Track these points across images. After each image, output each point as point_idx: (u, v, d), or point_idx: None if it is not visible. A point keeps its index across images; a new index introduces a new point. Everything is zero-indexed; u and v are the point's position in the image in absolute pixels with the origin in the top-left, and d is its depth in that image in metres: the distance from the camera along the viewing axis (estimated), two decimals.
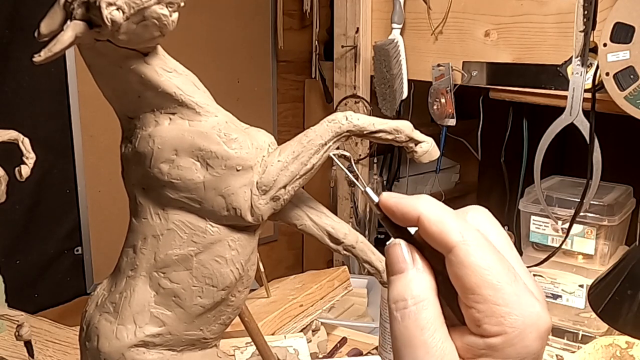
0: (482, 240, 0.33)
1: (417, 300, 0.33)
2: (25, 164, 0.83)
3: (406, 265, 0.35)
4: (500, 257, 0.33)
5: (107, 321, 0.57)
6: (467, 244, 0.32)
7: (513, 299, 0.32)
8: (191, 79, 0.54)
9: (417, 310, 0.33)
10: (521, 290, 0.32)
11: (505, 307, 0.32)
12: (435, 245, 0.34)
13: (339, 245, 0.59)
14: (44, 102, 1.82)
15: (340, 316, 1.53)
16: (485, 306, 0.32)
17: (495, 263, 0.32)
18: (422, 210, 0.34)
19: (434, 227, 0.33)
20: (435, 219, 0.33)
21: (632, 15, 1.34)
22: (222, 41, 2.26)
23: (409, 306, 0.33)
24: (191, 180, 0.53)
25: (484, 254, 0.32)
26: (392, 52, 1.82)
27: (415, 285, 0.34)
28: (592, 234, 1.45)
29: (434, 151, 0.57)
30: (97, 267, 2.01)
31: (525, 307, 0.32)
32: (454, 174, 2.67)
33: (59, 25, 0.46)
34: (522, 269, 0.35)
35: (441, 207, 0.34)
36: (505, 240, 0.36)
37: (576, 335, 1.42)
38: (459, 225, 0.33)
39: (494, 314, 0.32)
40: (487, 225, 0.36)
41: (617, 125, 1.55)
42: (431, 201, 0.34)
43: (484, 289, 0.32)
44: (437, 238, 0.33)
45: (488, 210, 0.37)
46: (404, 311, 0.33)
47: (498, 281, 0.32)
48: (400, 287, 0.34)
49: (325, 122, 0.54)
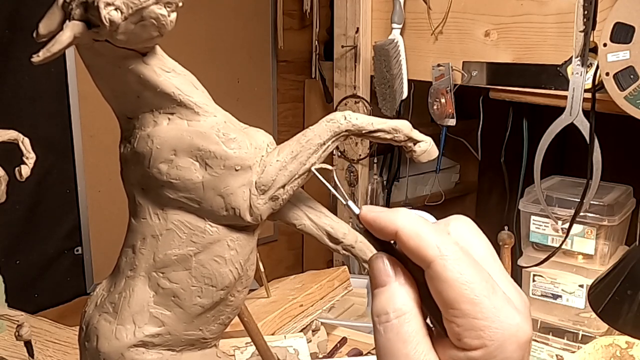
0: (460, 253, 0.33)
1: (399, 314, 0.34)
2: (25, 164, 0.83)
3: (388, 278, 0.35)
4: (479, 269, 0.33)
5: (107, 321, 0.57)
6: (445, 259, 0.32)
7: (492, 312, 0.32)
8: (190, 79, 0.54)
9: (400, 324, 0.34)
10: (500, 302, 0.32)
11: (484, 321, 0.32)
12: (414, 259, 0.34)
13: (338, 245, 0.59)
14: (44, 102, 1.82)
15: (340, 316, 1.53)
16: (465, 320, 0.32)
17: (473, 276, 0.32)
18: (399, 225, 0.34)
19: (411, 242, 0.33)
20: (412, 234, 0.33)
21: (632, 15, 1.34)
22: (222, 41, 2.26)
23: (391, 319, 0.34)
24: (190, 180, 0.53)
25: (461, 267, 0.32)
26: (392, 52, 1.82)
27: (397, 299, 0.34)
28: (592, 234, 1.45)
29: (433, 150, 0.57)
30: (97, 267, 2.01)
31: (504, 320, 0.32)
32: (454, 174, 2.67)
33: (57, 25, 0.46)
34: (505, 278, 0.35)
35: (419, 221, 0.34)
36: (488, 250, 0.36)
37: (576, 335, 1.42)
38: (437, 239, 0.33)
39: (473, 327, 0.32)
40: (469, 235, 0.36)
41: (617, 125, 1.55)
42: (409, 215, 0.34)
43: (462, 303, 0.32)
44: (415, 253, 0.33)
45: (471, 220, 0.37)
46: (387, 324, 0.34)
47: (476, 295, 0.32)
48: (382, 301, 0.34)
49: (323, 121, 0.54)
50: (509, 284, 0.35)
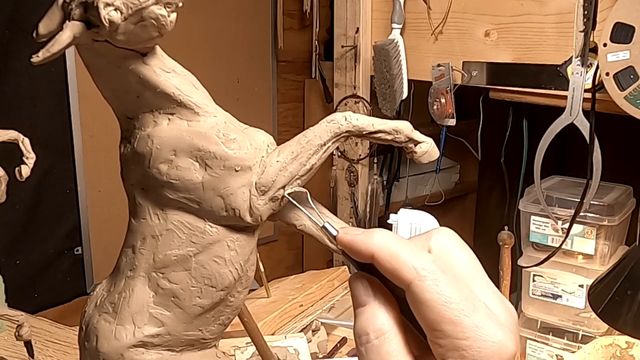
0: (437, 273, 0.32)
1: (379, 334, 0.34)
2: (25, 164, 0.83)
3: (367, 298, 0.35)
4: (459, 287, 0.33)
5: (106, 321, 0.57)
6: (422, 280, 0.32)
7: (473, 330, 0.32)
8: (190, 79, 0.54)
9: (380, 344, 0.33)
10: (481, 320, 0.32)
11: (466, 341, 0.31)
12: (392, 281, 0.34)
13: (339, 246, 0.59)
14: (44, 102, 1.82)
15: (340, 316, 1.53)
16: (447, 341, 0.32)
17: (452, 296, 0.32)
18: (374, 249, 0.34)
19: (388, 265, 0.33)
20: (388, 257, 0.33)
21: (632, 15, 1.34)
22: (222, 41, 2.26)
23: (371, 340, 0.34)
24: (190, 180, 0.53)
25: (440, 288, 0.32)
26: (392, 52, 1.82)
27: (377, 319, 0.34)
28: (592, 234, 1.45)
29: (434, 151, 0.56)
30: (97, 267, 2.01)
31: (486, 338, 0.32)
32: (454, 174, 2.67)
33: (57, 25, 0.46)
34: (489, 291, 0.35)
35: (395, 242, 0.34)
36: (471, 262, 0.36)
37: (576, 335, 1.42)
38: (413, 260, 0.33)
39: (455, 347, 0.32)
40: (452, 248, 0.36)
41: (617, 125, 1.55)
42: (384, 237, 0.34)
43: (443, 324, 0.32)
44: (392, 276, 0.33)
45: (453, 232, 0.37)
46: (367, 345, 0.34)
47: (456, 315, 0.32)
48: (362, 321, 0.35)
49: (324, 122, 0.54)
50: (494, 296, 0.34)
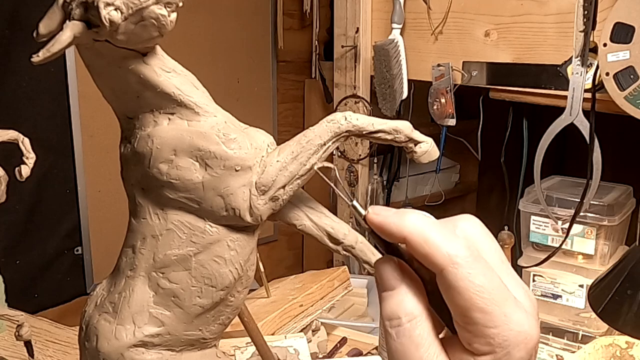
0: (470, 259, 0.33)
1: (410, 318, 0.34)
2: (25, 164, 0.83)
3: (396, 282, 0.35)
4: (490, 275, 0.33)
5: (106, 321, 0.57)
6: (455, 266, 0.32)
7: (502, 320, 0.32)
8: (190, 79, 0.54)
9: (411, 327, 0.34)
10: (510, 309, 0.32)
11: (494, 329, 0.32)
12: (424, 264, 0.34)
13: (339, 246, 0.59)
14: (44, 102, 1.82)
15: (340, 316, 1.53)
16: (475, 328, 0.32)
17: (485, 285, 0.32)
18: (407, 233, 0.34)
19: (420, 250, 0.33)
20: (421, 241, 0.33)
21: (632, 15, 1.34)
22: (222, 41, 2.26)
23: (402, 324, 0.34)
24: (190, 180, 0.53)
25: (473, 276, 0.32)
26: (392, 52, 1.82)
27: (407, 303, 0.34)
28: (592, 234, 1.45)
29: (434, 151, 0.56)
30: (97, 267, 2.01)
31: (513, 327, 0.32)
32: (454, 174, 2.67)
33: (57, 25, 0.46)
34: (513, 280, 0.35)
35: (428, 226, 0.34)
36: (496, 251, 0.36)
37: (576, 335, 1.42)
38: (447, 246, 0.33)
39: (483, 335, 0.32)
40: (478, 236, 0.36)
41: (617, 125, 1.55)
42: (417, 220, 0.34)
43: (473, 312, 0.32)
44: (425, 261, 0.33)
45: (479, 220, 0.37)
46: (399, 329, 0.34)
47: (487, 304, 0.32)
48: (393, 305, 0.35)
49: (324, 122, 0.54)
50: (518, 286, 0.35)
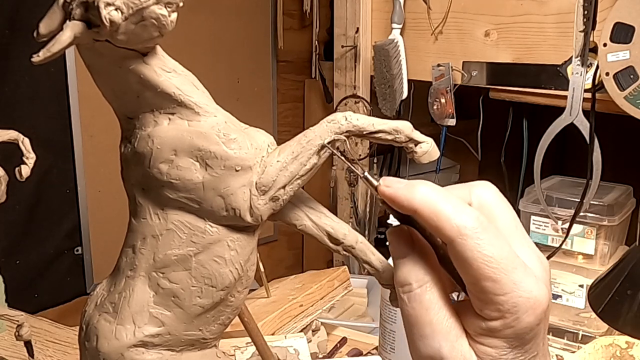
0: (479, 230, 0.33)
1: (420, 283, 0.36)
2: (25, 164, 0.83)
3: (408, 250, 0.36)
4: (499, 245, 0.33)
5: (106, 321, 0.57)
6: (464, 238, 0.33)
7: (511, 287, 0.33)
8: (190, 79, 0.54)
9: (422, 292, 0.35)
10: (519, 277, 0.33)
11: (503, 297, 0.33)
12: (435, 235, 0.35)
13: (339, 246, 0.59)
14: (44, 102, 1.82)
15: (340, 316, 1.53)
16: (485, 296, 0.33)
17: (493, 254, 0.33)
18: (417, 205, 0.35)
19: (430, 222, 0.34)
20: (430, 214, 0.34)
21: (632, 15, 1.34)
22: (222, 41, 2.26)
23: (413, 289, 0.36)
24: (190, 180, 0.53)
25: (481, 247, 0.33)
26: (392, 52, 1.82)
27: (418, 270, 0.36)
28: (592, 234, 1.45)
29: (434, 152, 0.56)
30: (97, 267, 2.01)
31: (522, 294, 0.33)
32: (454, 174, 2.67)
33: (57, 25, 0.46)
34: (526, 245, 0.36)
35: (437, 198, 0.34)
36: (511, 217, 0.37)
37: (576, 335, 1.42)
38: (456, 218, 0.34)
39: (492, 302, 0.33)
40: (493, 202, 0.37)
41: (617, 125, 1.55)
42: (426, 192, 0.35)
43: (482, 281, 0.33)
44: (435, 232, 0.35)
45: (494, 186, 0.38)
46: (410, 294, 0.36)
47: (496, 274, 0.33)
48: (404, 271, 0.36)
49: (324, 122, 0.54)
50: (531, 252, 0.36)
